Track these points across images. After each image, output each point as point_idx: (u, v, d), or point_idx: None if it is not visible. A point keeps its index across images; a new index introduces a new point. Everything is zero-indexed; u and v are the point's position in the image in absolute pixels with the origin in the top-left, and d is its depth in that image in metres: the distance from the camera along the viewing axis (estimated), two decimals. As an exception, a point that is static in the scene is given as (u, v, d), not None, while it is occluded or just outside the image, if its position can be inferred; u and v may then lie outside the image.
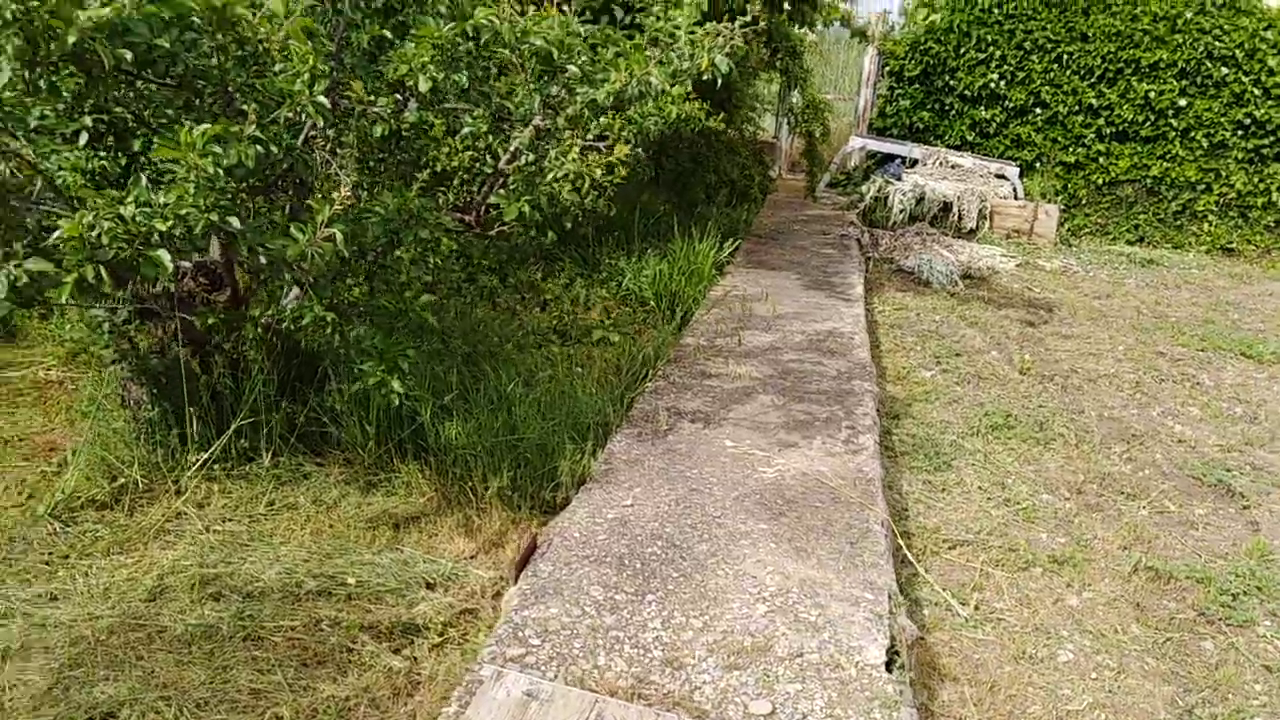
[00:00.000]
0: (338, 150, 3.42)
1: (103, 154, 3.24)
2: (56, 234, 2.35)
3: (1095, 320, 7.09)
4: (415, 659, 2.78)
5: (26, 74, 2.42)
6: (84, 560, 3.12)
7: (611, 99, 2.71)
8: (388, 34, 3.19)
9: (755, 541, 2.97)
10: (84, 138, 3.08)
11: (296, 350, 3.86)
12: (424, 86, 2.94)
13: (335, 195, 2.51)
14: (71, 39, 2.21)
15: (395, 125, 3.02)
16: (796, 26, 8.28)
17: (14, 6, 2.13)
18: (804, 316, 5.73)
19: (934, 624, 3.02)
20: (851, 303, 6.19)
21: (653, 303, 6.00)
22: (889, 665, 2.41)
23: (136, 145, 3.47)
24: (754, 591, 2.68)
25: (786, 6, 7.35)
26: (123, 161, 3.49)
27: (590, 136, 3.34)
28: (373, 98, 3.01)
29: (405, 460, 3.72)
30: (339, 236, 2.53)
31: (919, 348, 5.92)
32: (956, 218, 9.97)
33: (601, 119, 2.84)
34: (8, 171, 2.51)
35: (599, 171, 2.79)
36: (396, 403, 2.96)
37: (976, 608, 3.13)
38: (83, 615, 2.81)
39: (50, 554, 3.13)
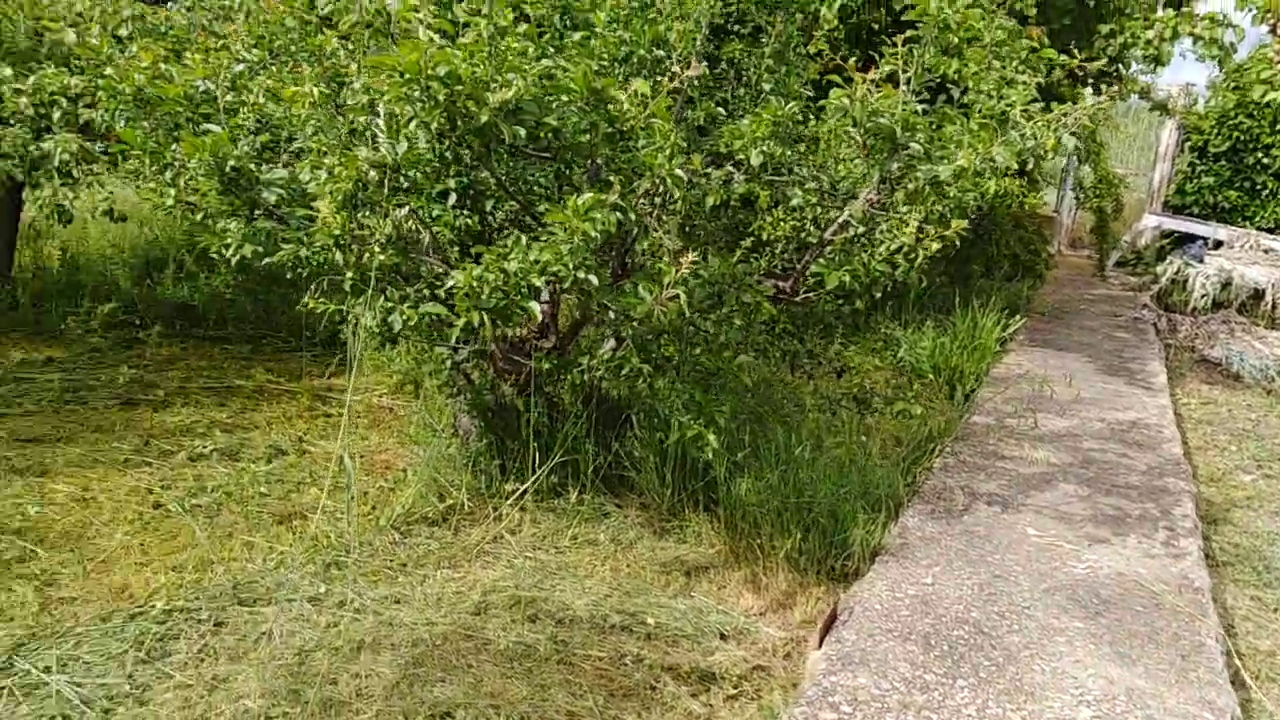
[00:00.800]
0: (663, 217, 3.68)
1: (466, 213, 3.67)
2: (451, 283, 2.70)
3: None
4: (712, 706, 2.86)
5: (435, 145, 2.83)
6: (419, 570, 3.49)
7: (953, 176, 2.75)
8: (722, 110, 3.43)
9: (1071, 640, 2.82)
10: (452, 198, 3.52)
11: (604, 397, 4.14)
12: (755, 160, 3.11)
13: (683, 259, 2.71)
14: (484, 118, 2.56)
15: (726, 195, 3.21)
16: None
17: (445, 90, 2.51)
18: (1101, 403, 5.39)
19: (1279, 759, 2.72)
20: (1154, 392, 5.75)
21: (930, 376, 5.88)
22: (1240, 796, 2.20)
23: (488, 206, 3.92)
24: (1075, 693, 2.54)
25: (1090, 80, 7.06)
26: (477, 219, 3.94)
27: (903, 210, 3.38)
28: (708, 170, 3.22)
29: (696, 510, 3.87)
30: (683, 297, 2.72)
31: (1234, 448, 5.38)
32: (1270, 307, 8.99)
33: (950, 193, 2.89)
34: (414, 226, 2.93)
35: (935, 245, 2.83)
36: (710, 455, 3.11)
37: (1331, 749, 2.78)
38: (421, 620, 3.13)
39: (391, 561, 3.53)
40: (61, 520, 3.64)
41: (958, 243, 2.83)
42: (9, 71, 4.53)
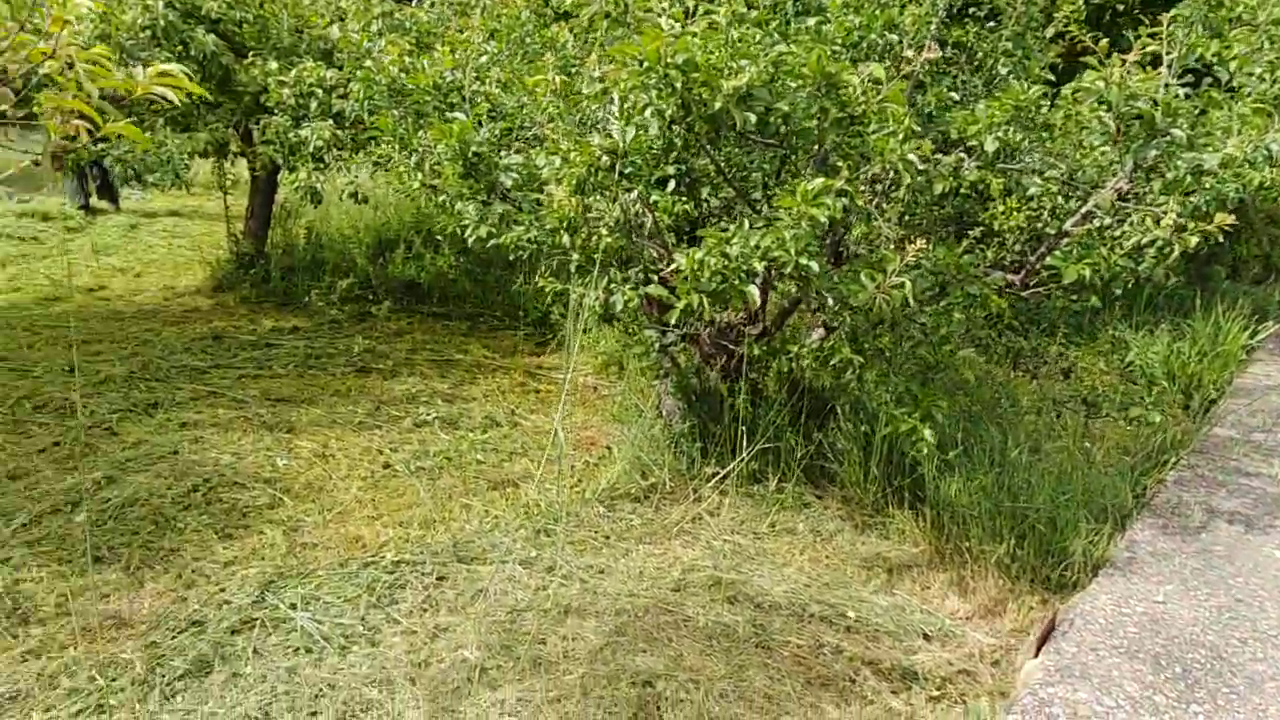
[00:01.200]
0: (883, 205, 3.60)
1: (684, 199, 3.74)
2: (672, 266, 2.77)
3: None
4: (913, 705, 2.80)
5: (665, 132, 2.90)
6: (621, 543, 3.60)
7: (1221, 165, 2.53)
8: (954, 95, 3.31)
9: (1329, 678, 2.55)
10: (671, 184, 3.59)
11: (807, 387, 4.12)
12: (990, 146, 2.99)
13: (910, 247, 2.65)
14: (717, 104, 2.60)
15: (955, 183, 3.11)
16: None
17: (682, 78, 2.57)
18: (1368, 423, 4.80)
19: None
20: None
21: (1164, 383, 5.44)
22: None
23: (704, 192, 3.97)
24: (1334, 735, 2.31)
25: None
26: (693, 206, 4.01)
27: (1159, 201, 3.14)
28: (936, 156, 3.12)
29: (900, 508, 3.78)
30: (908, 286, 2.66)
31: None
32: None
33: (1208, 184, 2.66)
34: (639, 211, 3.02)
35: (1193, 240, 2.62)
36: (924, 451, 3.02)
37: None
38: (624, 591, 3.24)
39: (596, 533, 3.66)
40: (305, 473, 4.01)
41: (1221, 238, 2.60)
42: (274, 65, 5.02)
